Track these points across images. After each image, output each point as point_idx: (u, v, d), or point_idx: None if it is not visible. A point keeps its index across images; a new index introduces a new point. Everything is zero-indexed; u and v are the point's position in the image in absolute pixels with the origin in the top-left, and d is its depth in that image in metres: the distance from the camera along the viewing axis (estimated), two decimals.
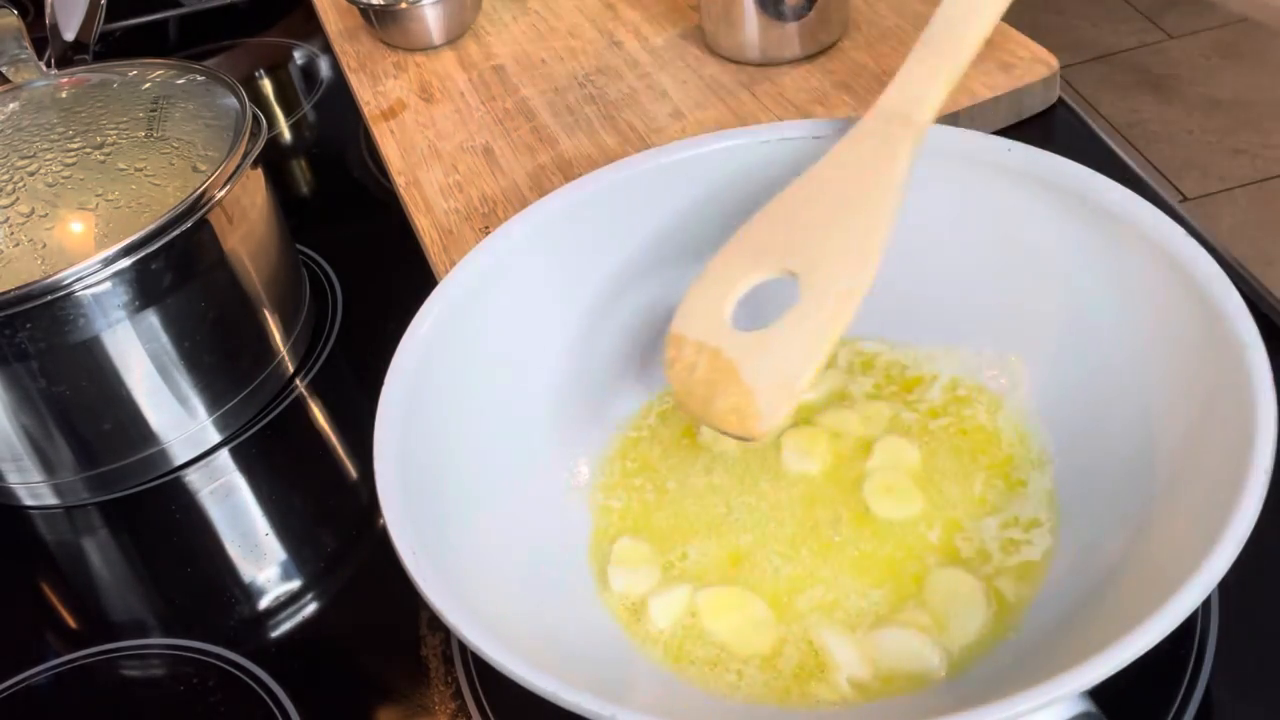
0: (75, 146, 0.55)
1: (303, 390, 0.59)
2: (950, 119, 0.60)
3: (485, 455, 0.45)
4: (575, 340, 0.49)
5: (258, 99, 0.85)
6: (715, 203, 0.51)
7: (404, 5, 0.74)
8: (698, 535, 0.45)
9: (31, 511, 0.56)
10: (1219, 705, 0.39)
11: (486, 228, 0.60)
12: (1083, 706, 0.32)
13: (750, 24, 0.66)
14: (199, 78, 0.60)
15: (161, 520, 0.54)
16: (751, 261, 0.44)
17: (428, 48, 0.76)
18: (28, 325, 0.49)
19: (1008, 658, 0.38)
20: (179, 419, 0.55)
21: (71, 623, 0.51)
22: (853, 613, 0.42)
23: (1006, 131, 0.62)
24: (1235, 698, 0.39)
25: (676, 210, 0.51)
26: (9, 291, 0.48)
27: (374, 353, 0.47)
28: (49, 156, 0.55)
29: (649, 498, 0.47)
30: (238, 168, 0.54)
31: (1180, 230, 0.41)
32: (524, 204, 0.55)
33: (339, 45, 0.79)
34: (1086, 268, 0.45)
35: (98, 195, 0.53)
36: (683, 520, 0.46)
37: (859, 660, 0.40)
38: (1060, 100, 0.64)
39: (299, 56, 0.89)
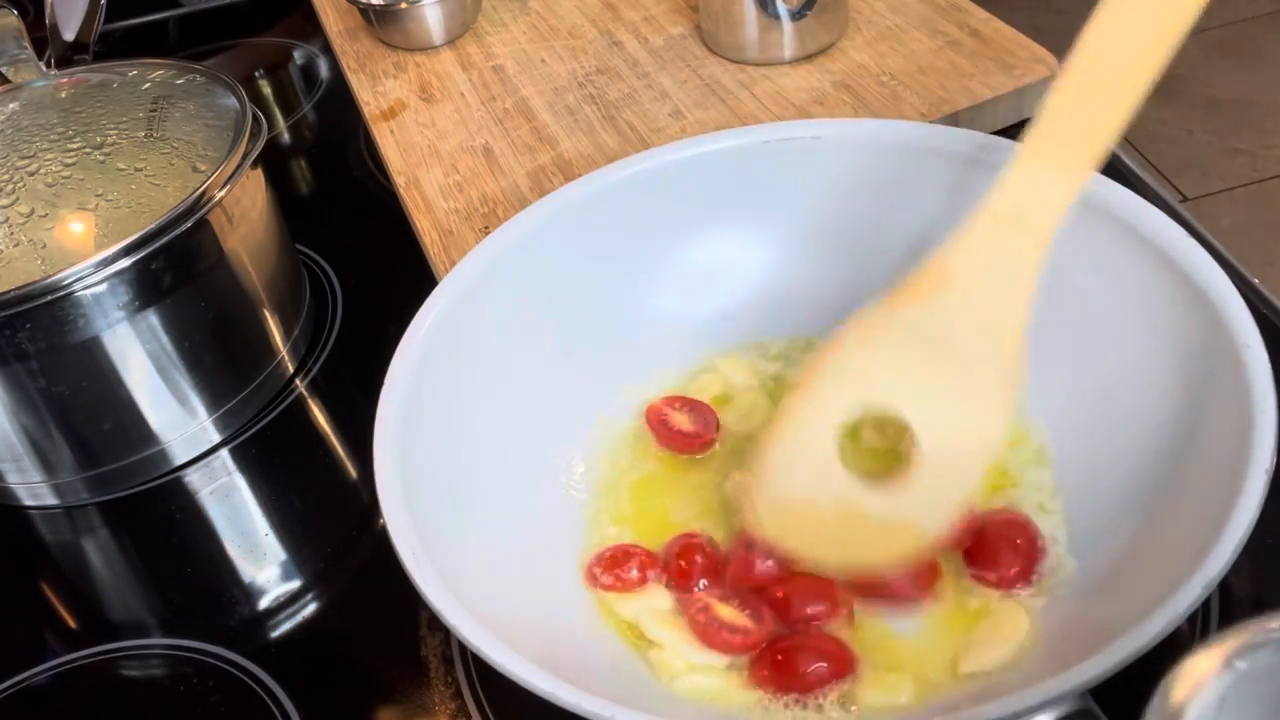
0: (75, 146, 0.55)
1: (303, 390, 0.59)
2: (950, 119, 0.61)
3: (484, 455, 0.45)
4: (574, 340, 0.49)
5: (258, 99, 0.85)
6: (715, 203, 0.51)
7: (404, 5, 0.74)
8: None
9: (31, 511, 0.56)
10: None
11: (486, 228, 0.60)
12: (1082, 706, 0.32)
13: (750, 24, 0.66)
14: (199, 78, 0.60)
15: (161, 520, 0.54)
16: (848, 395, 0.40)
17: (428, 48, 0.76)
18: (28, 325, 0.49)
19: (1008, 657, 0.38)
20: (179, 419, 0.55)
21: (71, 623, 0.51)
22: None
23: (1006, 132, 0.62)
24: None
25: (676, 210, 0.51)
26: (9, 291, 0.48)
27: (374, 353, 0.47)
28: (49, 156, 0.55)
29: (646, 495, 0.47)
30: (238, 168, 0.54)
31: (1180, 230, 0.41)
32: (524, 204, 0.55)
33: (339, 45, 0.79)
34: (1086, 267, 0.45)
35: (98, 195, 0.53)
36: (677, 517, 0.46)
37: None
38: None
39: (299, 56, 0.89)
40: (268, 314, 0.58)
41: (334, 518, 0.52)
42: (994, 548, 0.41)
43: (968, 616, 0.40)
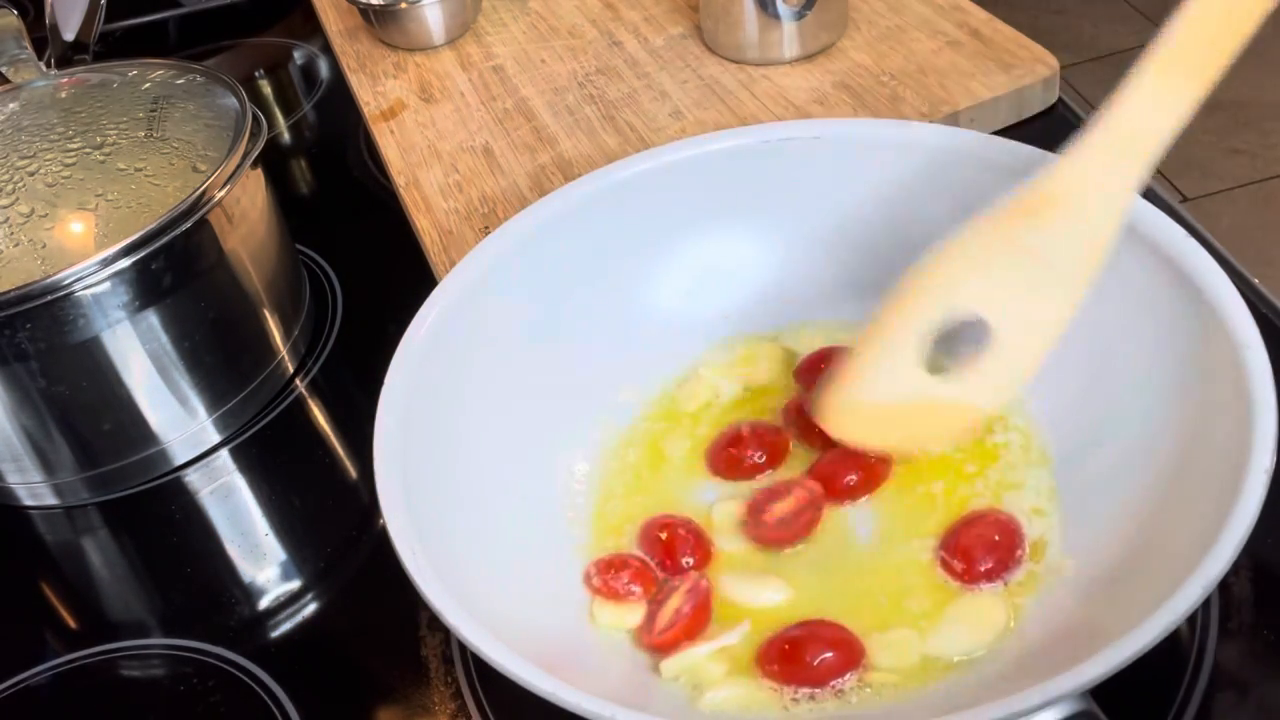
0: (75, 146, 0.55)
1: (303, 390, 0.59)
2: (950, 119, 0.61)
3: (485, 455, 0.45)
4: (574, 340, 0.49)
5: (258, 99, 0.85)
6: (715, 203, 0.51)
7: (404, 5, 0.74)
8: None
9: (31, 511, 0.56)
10: (1219, 705, 0.39)
11: (486, 228, 0.60)
12: (1082, 706, 0.32)
13: (750, 24, 0.66)
14: (199, 78, 0.60)
15: (161, 520, 0.54)
16: (934, 306, 0.43)
17: (428, 48, 0.76)
18: (28, 325, 0.49)
19: (1008, 657, 0.38)
20: (179, 419, 0.55)
21: (71, 623, 0.51)
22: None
23: (1007, 131, 0.62)
24: (1235, 698, 0.39)
25: (676, 210, 0.51)
26: (9, 291, 0.48)
27: (374, 353, 0.47)
28: (49, 156, 0.55)
29: (647, 495, 0.47)
30: (238, 168, 0.54)
31: (1180, 230, 0.41)
32: (524, 204, 0.55)
33: (339, 45, 0.79)
34: None
35: (98, 195, 0.53)
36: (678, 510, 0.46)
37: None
38: (1060, 100, 0.64)
39: (299, 56, 0.89)
40: (268, 314, 0.58)
41: (334, 518, 0.52)
42: (969, 544, 0.42)
43: (946, 593, 0.41)
